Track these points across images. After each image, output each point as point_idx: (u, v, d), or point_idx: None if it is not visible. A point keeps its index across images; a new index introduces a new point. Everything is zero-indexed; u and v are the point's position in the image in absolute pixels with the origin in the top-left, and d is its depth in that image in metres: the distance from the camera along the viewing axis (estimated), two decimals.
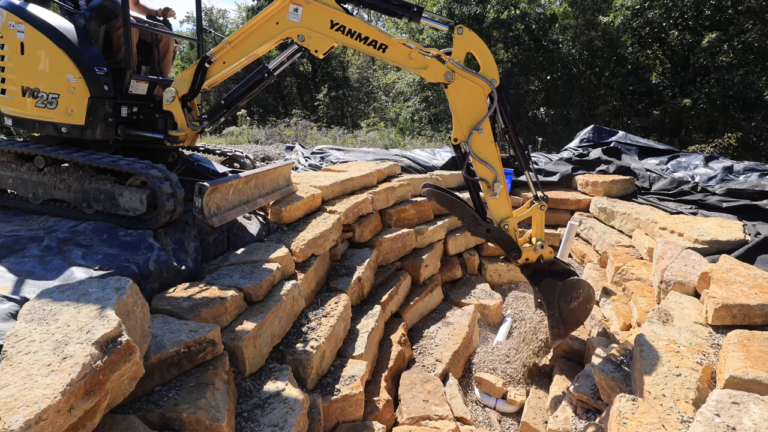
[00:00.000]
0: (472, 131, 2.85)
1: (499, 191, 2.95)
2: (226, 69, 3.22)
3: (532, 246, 3.10)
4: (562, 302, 3.14)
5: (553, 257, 3.18)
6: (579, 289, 3.12)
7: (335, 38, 2.90)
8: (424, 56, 2.82)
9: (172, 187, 3.00)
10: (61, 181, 3.24)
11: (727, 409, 1.76)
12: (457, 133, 2.90)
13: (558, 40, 15.64)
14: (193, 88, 3.30)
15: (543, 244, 3.11)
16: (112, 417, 1.76)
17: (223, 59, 3.19)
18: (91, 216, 3.15)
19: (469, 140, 2.87)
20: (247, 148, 9.30)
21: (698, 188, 5.29)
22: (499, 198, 2.98)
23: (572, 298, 3.13)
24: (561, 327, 3.22)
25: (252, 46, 3.10)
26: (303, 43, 2.97)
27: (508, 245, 3.08)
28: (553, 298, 3.15)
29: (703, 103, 13.43)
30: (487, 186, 2.94)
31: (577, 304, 3.15)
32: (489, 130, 2.88)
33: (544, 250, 3.12)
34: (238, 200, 3.35)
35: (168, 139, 3.48)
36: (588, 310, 3.21)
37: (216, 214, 3.05)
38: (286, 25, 2.95)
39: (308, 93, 21.18)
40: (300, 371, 2.70)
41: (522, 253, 3.09)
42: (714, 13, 12.72)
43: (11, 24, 3.19)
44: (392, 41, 2.85)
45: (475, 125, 2.84)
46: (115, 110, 3.34)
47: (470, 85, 2.82)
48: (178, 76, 3.33)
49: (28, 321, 1.64)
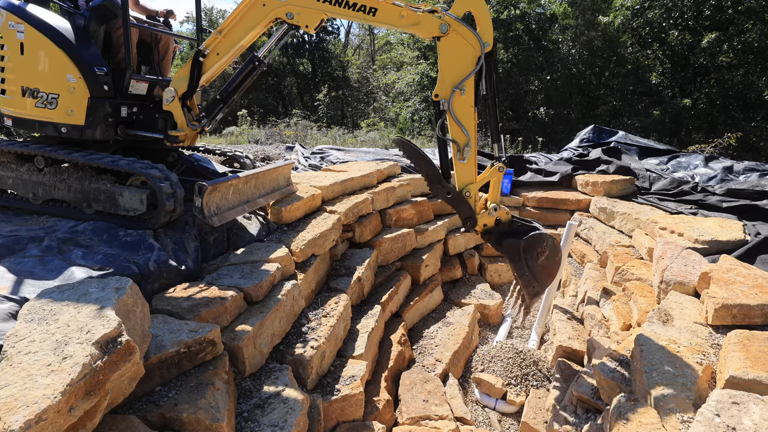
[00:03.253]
0: (454, 89, 2.81)
1: (468, 157, 2.91)
2: (221, 60, 3.20)
3: (487, 210, 3.05)
4: (529, 259, 3.07)
5: (511, 217, 3.11)
6: (543, 242, 3.06)
7: (324, 10, 2.87)
8: (415, 12, 2.79)
9: (172, 186, 3.00)
10: (61, 181, 3.24)
11: (727, 409, 1.76)
12: (440, 89, 2.85)
13: (558, 40, 15.65)
14: (191, 84, 3.29)
15: (497, 206, 3.05)
16: (112, 417, 1.76)
17: (216, 50, 3.17)
18: (91, 216, 3.15)
19: (450, 99, 2.82)
20: (247, 148, 9.30)
21: (698, 188, 5.29)
22: (466, 163, 2.93)
23: (538, 253, 3.06)
24: (535, 284, 3.16)
25: (242, 32, 3.07)
26: (292, 20, 2.93)
27: (466, 213, 3.03)
28: (519, 257, 3.08)
29: (703, 103, 13.44)
30: (458, 149, 2.89)
31: (545, 258, 3.08)
32: (471, 92, 2.84)
33: (499, 212, 3.06)
34: (238, 200, 3.35)
35: (168, 139, 3.48)
36: (558, 262, 3.14)
37: (216, 213, 3.05)
38: (273, 5, 2.92)
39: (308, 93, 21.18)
40: (300, 371, 2.70)
41: (478, 221, 3.04)
42: (714, 13, 12.73)
43: (11, 24, 3.19)
44: (381, 3, 2.80)
45: (458, 83, 2.81)
46: (114, 110, 3.34)
47: (463, 42, 2.78)
48: (175, 75, 3.33)
49: (28, 321, 1.63)
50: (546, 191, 6.10)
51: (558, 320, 4.07)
